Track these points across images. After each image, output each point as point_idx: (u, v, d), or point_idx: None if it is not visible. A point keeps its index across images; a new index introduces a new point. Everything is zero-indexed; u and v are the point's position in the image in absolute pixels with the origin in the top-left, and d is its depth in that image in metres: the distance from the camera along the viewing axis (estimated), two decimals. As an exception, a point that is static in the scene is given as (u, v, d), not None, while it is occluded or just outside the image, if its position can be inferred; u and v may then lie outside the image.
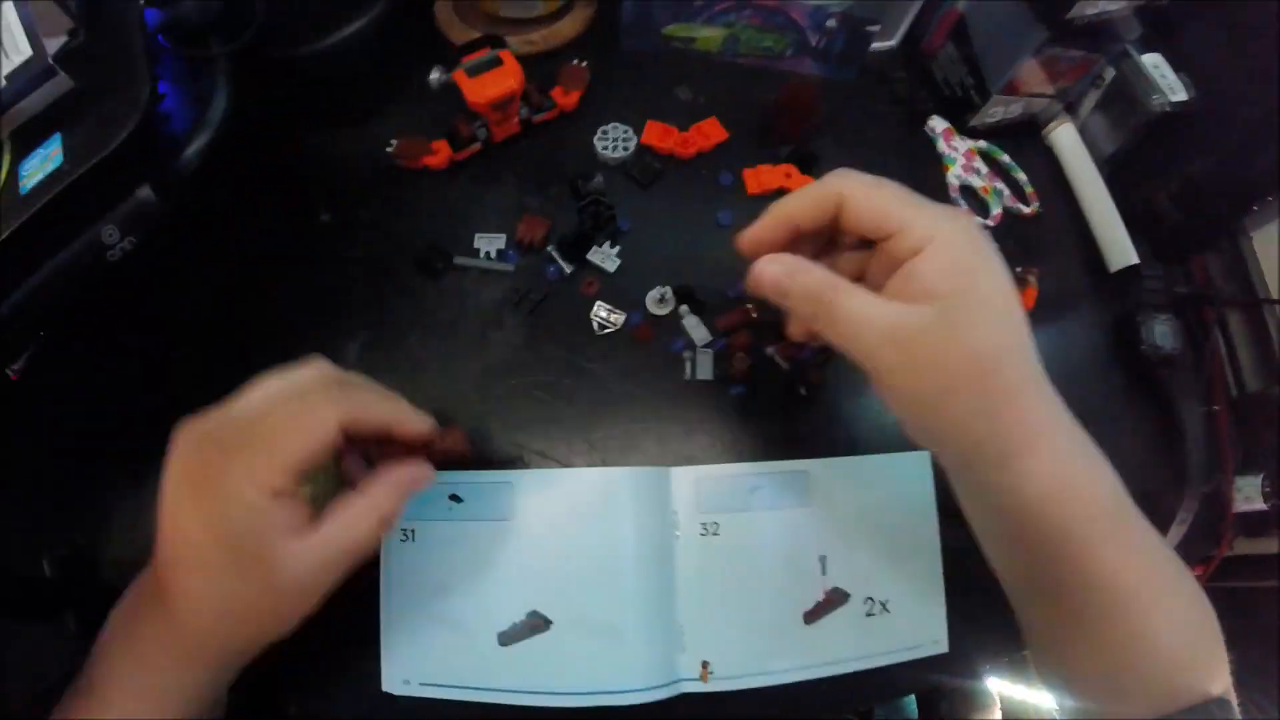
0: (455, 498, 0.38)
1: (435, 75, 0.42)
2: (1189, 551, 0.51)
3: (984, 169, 0.49)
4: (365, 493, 0.30)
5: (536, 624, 0.37)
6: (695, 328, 0.41)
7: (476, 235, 0.42)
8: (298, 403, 0.28)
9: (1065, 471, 0.29)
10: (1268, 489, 0.49)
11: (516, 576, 0.37)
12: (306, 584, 0.28)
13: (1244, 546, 0.54)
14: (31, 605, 0.36)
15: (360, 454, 0.34)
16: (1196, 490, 0.48)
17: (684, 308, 0.41)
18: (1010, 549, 0.32)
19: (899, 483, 0.41)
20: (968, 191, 0.48)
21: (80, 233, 0.35)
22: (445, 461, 0.33)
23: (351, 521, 0.29)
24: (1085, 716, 0.35)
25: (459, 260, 0.41)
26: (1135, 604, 0.30)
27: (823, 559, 0.39)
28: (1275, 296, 0.51)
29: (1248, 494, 0.50)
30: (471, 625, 0.37)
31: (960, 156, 0.48)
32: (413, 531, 0.38)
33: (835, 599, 0.39)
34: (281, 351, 0.40)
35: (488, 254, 0.41)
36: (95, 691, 0.30)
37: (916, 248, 0.27)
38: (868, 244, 0.31)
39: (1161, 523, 0.48)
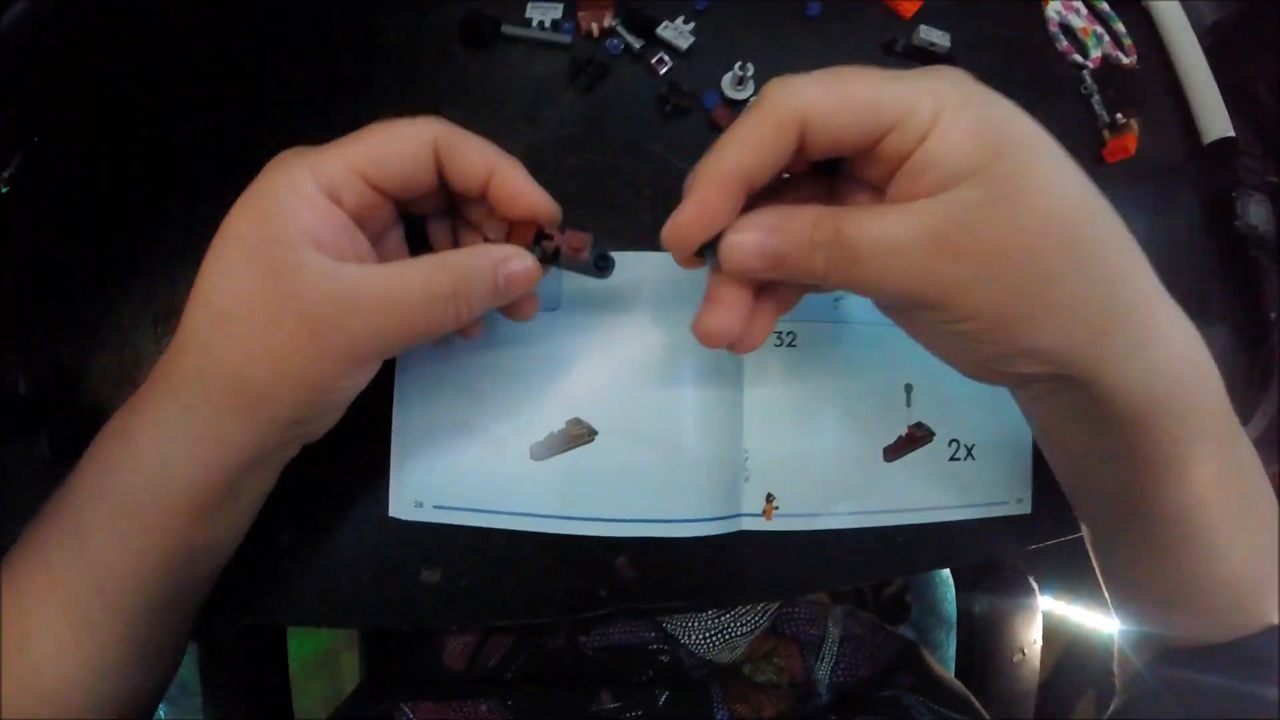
0: (491, 279, 0.32)
1: None
2: (1266, 455, 0.48)
3: (1084, 10, 0.45)
4: (448, 255, 0.24)
5: (579, 434, 0.31)
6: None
7: (529, 4, 0.36)
8: (393, 120, 0.25)
9: (1181, 368, 0.24)
10: (1355, 394, 0.45)
11: (557, 378, 0.32)
12: (344, 319, 0.22)
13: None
14: (2, 422, 0.31)
15: (451, 228, 0.29)
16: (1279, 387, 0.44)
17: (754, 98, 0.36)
18: (1086, 465, 0.28)
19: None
20: (1067, 31, 0.44)
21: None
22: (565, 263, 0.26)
23: (422, 273, 0.23)
24: (1144, 635, 0.32)
25: (508, 29, 0.36)
26: (1215, 534, 0.26)
27: (909, 388, 0.34)
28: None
29: (1334, 397, 0.47)
30: (499, 434, 0.31)
31: (1060, -5, 0.44)
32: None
33: (920, 436, 0.34)
34: (299, 130, 0.34)
35: (541, 23, 0.36)
36: (116, 441, 0.25)
37: (924, 129, 0.20)
38: (824, 169, 0.25)
39: (1241, 412, 0.45)
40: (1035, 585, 0.51)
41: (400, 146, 0.24)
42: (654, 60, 0.35)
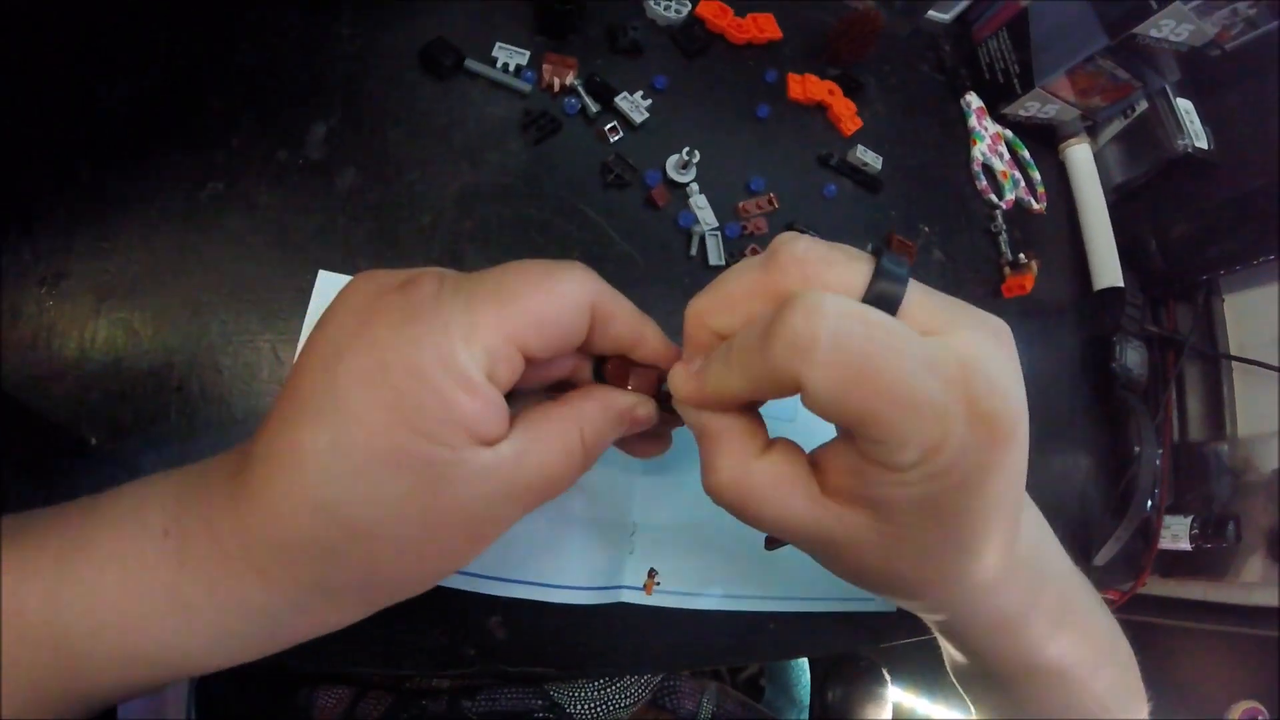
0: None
1: None
2: (1109, 577, 0.52)
3: (1006, 155, 0.49)
4: (568, 401, 0.21)
5: None
6: (703, 208, 0.37)
7: (497, 45, 0.36)
8: (545, 267, 0.20)
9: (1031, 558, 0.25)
10: (1195, 532, 0.50)
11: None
12: (502, 511, 0.20)
13: (1156, 586, 0.56)
14: None
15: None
16: (1139, 513, 0.49)
17: (694, 185, 0.37)
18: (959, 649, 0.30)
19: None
20: (988, 171, 0.48)
21: None
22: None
23: (548, 432, 0.20)
24: None
25: (470, 64, 0.36)
26: (1078, 674, 0.28)
27: (794, 482, 0.36)
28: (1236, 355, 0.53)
29: (1175, 532, 0.52)
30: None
31: (988, 137, 0.48)
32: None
33: (799, 528, 0.36)
34: (230, 118, 0.33)
35: (505, 66, 0.36)
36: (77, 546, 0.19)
37: (895, 465, 0.18)
38: None
39: (1095, 537, 0.49)
40: (888, 677, 0.54)
41: (562, 312, 0.20)
42: (607, 127, 0.36)
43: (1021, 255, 0.46)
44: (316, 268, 0.32)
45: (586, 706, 0.35)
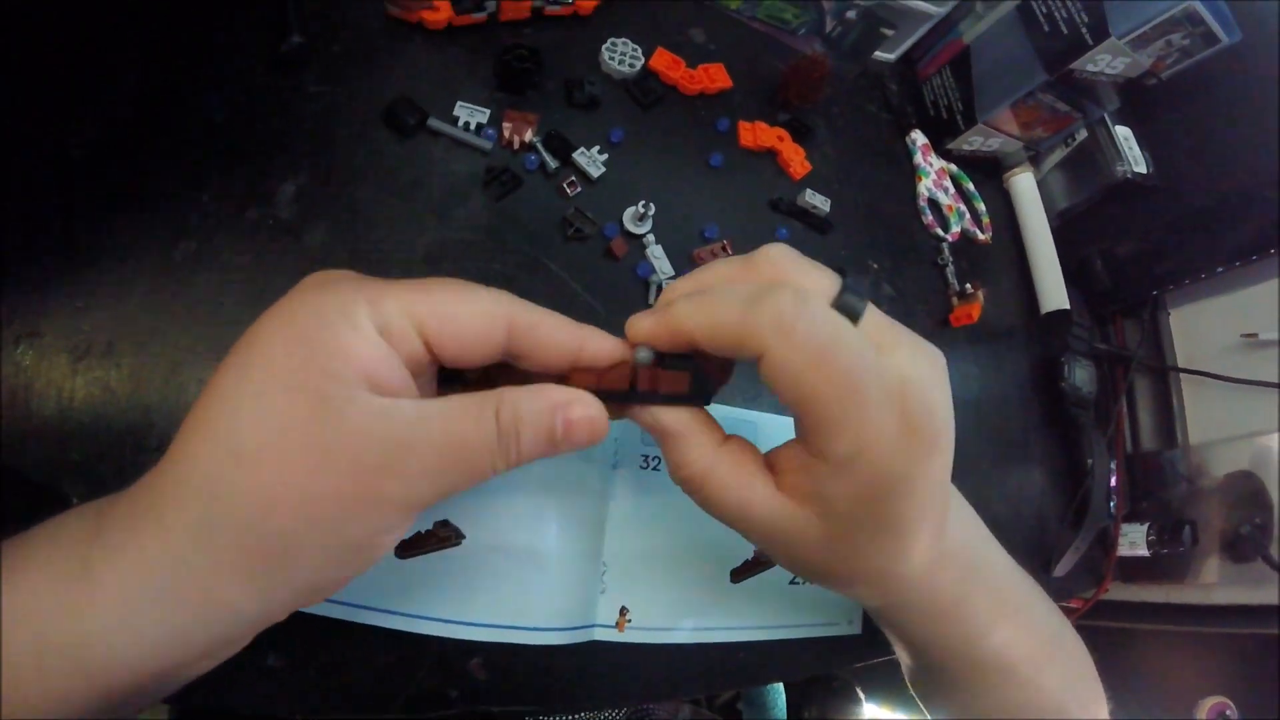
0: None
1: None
2: (1070, 586, 0.54)
3: (951, 189, 0.51)
4: (505, 390, 0.21)
5: (446, 536, 0.32)
6: (660, 258, 0.39)
7: (458, 104, 0.38)
8: (465, 282, 0.22)
9: (956, 578, 0.27)
10: (1152, 538, 0.52)
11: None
12: (399, 463, 0.19)
13: (1118, 592, 0.58)
14: None
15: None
16: (1094, 525, 0.51)
17: (650, 236, 0.39)
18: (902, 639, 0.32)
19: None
20: (934, 205, 0.50)
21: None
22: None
23: (460, 401, 0.20)
24: None
25: (433, 123, 0.37)
26: (1024, 670, 0.30)
27: (756, 514, 0.37)
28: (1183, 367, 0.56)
29: (1133, 540, 0.54)
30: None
31: (933, 172, 0.51)
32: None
33: (764, 561, 0.37)
34: (201, 175, 0.34)
35: (466, 124, 0.38)
36: (74, 566, 0.19)
37: (834, 459, 0.22)
38: None
39: (1055, 550, 0.51)
40: (861, 695, 0.55)
41: (471, 316, 0.21)
42: (566, 182, 0.38)
43: (968, 285, 0.48)
44: (288, 327, 0.33)
45: None
